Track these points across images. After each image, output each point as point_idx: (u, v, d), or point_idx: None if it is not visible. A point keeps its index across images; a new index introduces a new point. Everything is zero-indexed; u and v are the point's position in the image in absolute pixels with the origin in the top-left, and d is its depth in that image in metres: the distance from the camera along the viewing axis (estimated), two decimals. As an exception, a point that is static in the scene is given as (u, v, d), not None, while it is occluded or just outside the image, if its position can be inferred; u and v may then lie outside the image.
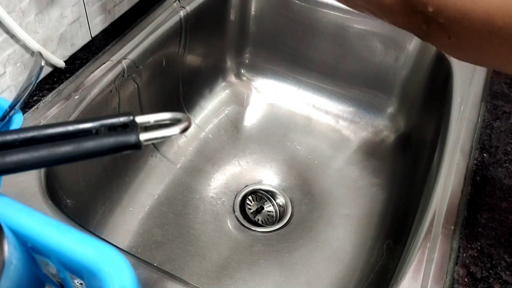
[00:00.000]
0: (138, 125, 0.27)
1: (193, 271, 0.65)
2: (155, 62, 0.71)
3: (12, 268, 0.25)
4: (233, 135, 0.85)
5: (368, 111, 0.87)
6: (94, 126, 0.27)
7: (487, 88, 0.66)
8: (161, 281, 0.42)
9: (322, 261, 0.68)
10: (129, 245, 0.66)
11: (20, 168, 0.25)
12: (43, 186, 0.48)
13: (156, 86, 0.73)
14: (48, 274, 0.32)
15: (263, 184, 0.78)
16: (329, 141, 0.85)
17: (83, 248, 0.26)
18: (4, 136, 0.25)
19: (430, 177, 0.59)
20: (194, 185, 0.76)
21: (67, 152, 0.25)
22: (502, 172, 0.55)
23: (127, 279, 0.25)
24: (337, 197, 0.76)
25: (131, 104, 0.68)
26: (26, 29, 0.54)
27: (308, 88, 0.90)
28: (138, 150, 0.26)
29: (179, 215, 0.71)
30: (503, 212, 0.50)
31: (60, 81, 0.60)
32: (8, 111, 0.32)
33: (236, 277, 0.65)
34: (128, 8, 0.72)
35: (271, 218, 0.74)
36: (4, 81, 0.54)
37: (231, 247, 0.68)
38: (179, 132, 0.27)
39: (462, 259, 0.46)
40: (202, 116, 0.85)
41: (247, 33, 0.89)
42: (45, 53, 0.57)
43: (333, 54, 0.85)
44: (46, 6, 0.56)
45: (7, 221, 0.26)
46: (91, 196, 0.63)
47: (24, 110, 0.55)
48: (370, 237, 0.70)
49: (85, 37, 0.65)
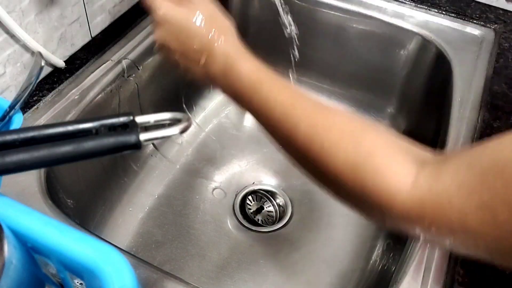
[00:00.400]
0: (138, 125, 0.27)
1: (193, 271, 0.65)
2: (155, 62, 0.71)
3: (12, 268, 0.25)
4: (233, 135, 0.85)
5: (368, 111, 0.87)
6: (94, 126, 0.27)
7: (487, 88, 0.66)
8: (161, 281, 0.42)
9: (322, 261, 0.68)
10: (129, 245, 0.66)
11: (20, 168, 0.25)
12: (43, 186, 0.48)
13: (156, 86, 0.73)
14: (48, 274, 0.32)
15: (263, 184, 0.78)
16: (329, 141, 0.85)
17: (83, 248, 0.26)
18: (4, 136, 0.25)
19: (430, 177, 0.59)
20: (194, 185, 0.76)
21: (67, 152, 0.25)
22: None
23: (127, 279, 0.25)
24: (337, 197, 0.76)
25: (131, 104, 0.68)
26: (26, 29, 0.54)
27: (308, 88, 0.90)
28: (138, 150, 0.26)
29: (179, 215, 0.71)
30: (503, 212, 0.50)
31: (60, 81, 0.60)
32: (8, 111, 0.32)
33: (236, 277, 0.65)
34: (128, 8, 0.72)
35: (271, 218, 0.74)
36: (4, 81, 0.54)
37: (231, 247, 0.68)
38: (179, 132, 0.27)
39: (462, 259, 0.46)
40: (202, 116, 0.85)
41: (247, 33, 0.89)
42: (45, 53, 0.57)
43: (333, 54, 0.85)
44: (46, 6, 0.56)
45: (7, 221, 0.26)
46: (91, 196, 0.63)
47: (24, 110, 0.55)
48: (370, 237, 0.70)
49: (85, 37, 0.65)
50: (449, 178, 0.27)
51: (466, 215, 0.26)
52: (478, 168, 0.26)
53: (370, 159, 0.30)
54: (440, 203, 0.27)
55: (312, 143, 0.33)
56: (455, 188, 0.26)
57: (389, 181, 0.29)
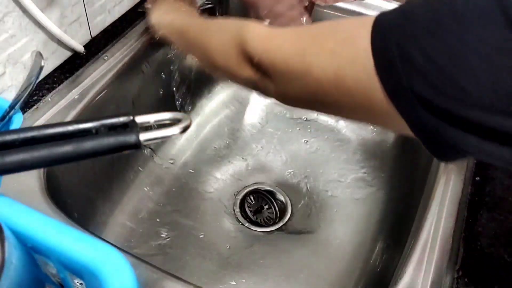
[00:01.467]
0: (138, 125, 0.27)
1: (193, 271, 0.65)
2: (155, 62, 0.71)
3: (12, 268, 0.25)
4: (233, 135, 0.85)
5: (368, 111, 0.87)
6: (94, 126, 0.27)
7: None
8: (161, 281, 0.42)
9: (322, 261, 0.68)
10: (129, 245, 0.66)
11: (20, 168, 0.25)
12: (43, 186, 0.48)
13: (156, 86, 0.73)
14: (48, 274, 0.32)
15: (263, 184, 0.78)
16: (329, 141, 0.85)
17: (83, 248, 0.26)
18: (4, 136, 0.25)
19: (430, 177, 0.59)
20: (194, 185, 0.76)
21: (67, 152, 0.25)
22: (502, 172, 0.55)
23: (127, 279, 0.25)
24: (337, 197, 0.76)
25: (131, 104, 0.68)
26: (26, 29, 0.54)
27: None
28: (138, 150, 0.26)
29: (179, 215, 0.71)
30: (503, 211, 0.50)
31: (60, 81, 0.60)
32: (8, 111, 0.32)
33: (236, 277, 0.65)
34: (128, 8, 0.72)
35: (271, 218, 0.74)
36: (4, 81, 0.54)
37: (231, 247, 0.68)
38: (179, 132, 0.27)
39: (462, 259, 0.46)
40: (202, 116, 0.85)
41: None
42: (66, 38, 0.59)
43: (333, 54, 0.85)
44: (46, 6, 0.56)
45: (7, 221, 0.26)
46: (91, 196, 0.63)
47: (24, 110, 0.55)
48: (370, 237, 0.70)
49: (85, 37, 0.65)
50: (281, 39, 0.38)
51: (287, 59, 0.36)
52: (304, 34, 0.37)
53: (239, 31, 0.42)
54: (271, 50, 0.38)
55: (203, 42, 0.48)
56: (283, 43, 0.37)
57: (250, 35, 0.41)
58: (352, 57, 0.31)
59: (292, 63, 0.35)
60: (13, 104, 0.32)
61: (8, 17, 0.51)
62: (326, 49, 0.33)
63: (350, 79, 0.31)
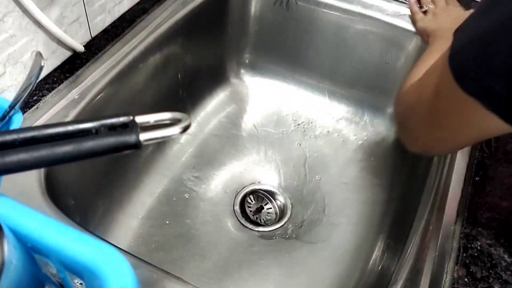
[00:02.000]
0: (138, 125, 0.27)
1: (193, 271, 0.65)
2: (155, 62, 0.71)
3: (12, 268, 0.25)
4: (233, 135, 0.85)
5: (368, 111, 0.87)
6: (94, 126, 0.27)
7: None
8: (161, 281, 0.42)
9: (322, 261, 0.68)
10: (129, 245, 0.66)
11: (20, 168, 0.25)
12: (43, 186, 0.48)
13: (156, 86, 0.73)
14: (48, 274, 0.32)
15: (263, 184, 0.78)
16: (329, 141, 0.85)
17: (83, 248, 0.26)
18: (4, 136, 0.25)
19: (430, 177, 0.59)
20: (194, 185, 0.76)
21: (67, 152, 0.25)
22: (502, 172, 0.55)
23: (127, 279, 0.25)
24: (337, 197, 0.76)
25: (131, 104, 0.68)
26: (26, 29, 0.54)
27: (308, 88, 0.90)
28: (138, 150, 0.26)
29: (179, 215, 0.71)
30: (503, 211, 0.50)
31: (60, 81, 0.60)
32: (8, 111, 0.32)
33: (236, 277, 0.65)
34: (128, 8, 0.72)
35: (271, 218, 0.74)
36: (4, 81, 0.54)
37: (231, 247, 0.68)
38: (179, 132, 0.27)
39: (462, 259, 0.46)
40: (202, 116, 0.85)
41: (247, 33, 0.89)
42: (66, 38, 0.58)
43: (333, 54, 0.85)
44: (46, 6, 0.56)
45: (7, 221, 0.26)
46: (91, 196, 0.63)
47: (24, 110, 0.55)
48: (370, 237, 0.70)
49: (85, 37, 0.65)
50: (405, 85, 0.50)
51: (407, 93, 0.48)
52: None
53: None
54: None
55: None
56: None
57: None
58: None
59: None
60: (13, 104, 0.32)
61: (8, 17, 0.51)
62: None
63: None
